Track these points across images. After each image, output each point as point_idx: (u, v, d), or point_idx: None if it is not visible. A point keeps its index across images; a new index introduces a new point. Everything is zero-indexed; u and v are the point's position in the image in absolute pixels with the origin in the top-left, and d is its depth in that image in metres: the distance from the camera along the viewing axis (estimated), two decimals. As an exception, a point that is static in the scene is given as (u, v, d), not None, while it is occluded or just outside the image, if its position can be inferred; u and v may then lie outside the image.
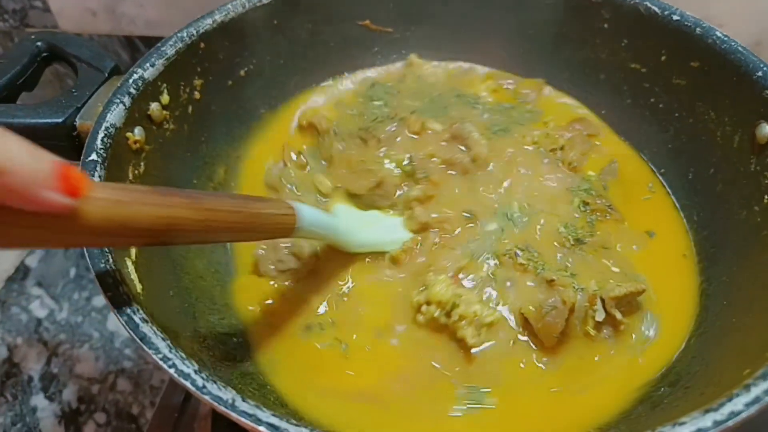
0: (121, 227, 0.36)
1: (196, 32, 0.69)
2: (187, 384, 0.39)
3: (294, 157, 0.77)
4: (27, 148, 0.30)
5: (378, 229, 0.69)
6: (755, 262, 0.60)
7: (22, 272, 0.98)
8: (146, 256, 0.57)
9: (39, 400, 0.83)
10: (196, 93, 0.71)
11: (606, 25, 0.76)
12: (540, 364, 0.59)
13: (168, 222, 0.39)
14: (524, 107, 0.82)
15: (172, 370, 0.40)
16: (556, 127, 0.79)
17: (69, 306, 0.94)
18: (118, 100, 0.59)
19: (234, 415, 0.38)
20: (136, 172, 0.61)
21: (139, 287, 0.51)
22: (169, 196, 0.41)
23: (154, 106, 0.64)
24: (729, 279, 0.62)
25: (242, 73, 0.77)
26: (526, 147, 0.75)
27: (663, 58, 0.73)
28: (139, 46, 1.10)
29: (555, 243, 0.66)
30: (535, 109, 0.82)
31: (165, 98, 0.66)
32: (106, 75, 0.64)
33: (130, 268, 0.52)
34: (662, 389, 0.56)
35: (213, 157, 0.75)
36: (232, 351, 0.59)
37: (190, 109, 0.70)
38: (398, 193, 0.70)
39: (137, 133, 0.61)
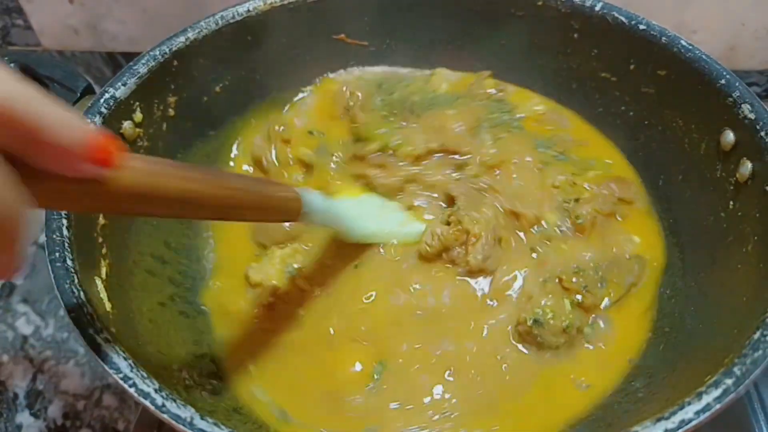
0: (150, 196, 0.39)
1: (169, 50, 0.70)
2: (147, 403, 0.40)
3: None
4: (63, 117, 0.31)
5: (387, 218, 0.69)
6: (722, 268, 0.60)
7: (7, 289, 0.98)
8: (118, 275, 0.58)
9: (24, 418, 0.83)
10: (170, 110, 0.72)
11: (576, 35, 0.77)
12: None
13: (191, 196, 0.42)
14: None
15: (132, 390, 0.40)
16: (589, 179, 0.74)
17: (55, 322, 0.94)
18: (88, 120, 0.60)
19: (191, 434, 0.38)
20: (109, 190, 0.62)
21: (108, 306, 0.52)
22: (194, 172, 0.43)
23: (126, 125, 0.65)
24: (696, 284, 0.63)
25: (217, 89, 0.77)
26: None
27: (632, 66, 0.73)
28: (121, 62, 1.11)
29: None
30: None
31: (138, 116, 0.67)
32: (79, 95, 0.65)
33: (100, 286, 0.53)
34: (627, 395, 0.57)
35: (189, 172, 0.75)
36: (206, 368, 0.60)
37: (164, 126, 0.71)
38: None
39: (109, 152, 0.62)
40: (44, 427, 0.82)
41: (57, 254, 0.49)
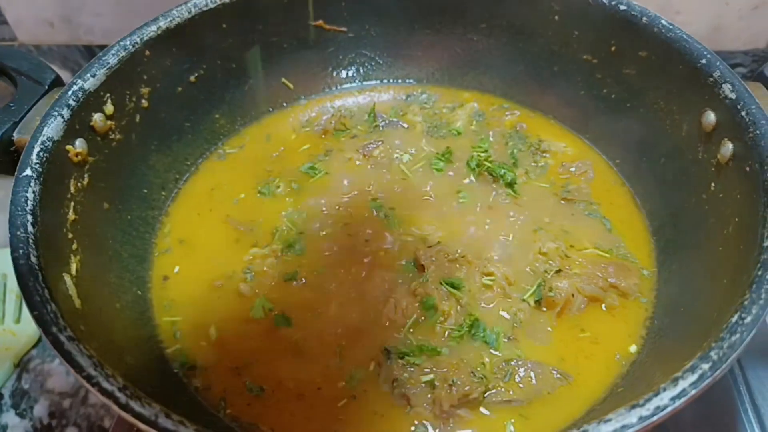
0: None
1: (140, 40, 0.68)
2: (110, 402, 0.39)
3: None
4: None
5: None
6: (703, 251, 0.59)
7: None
8: (90, 270, 0.57)
9: (10, 418, 0.81)
10: (143, 101, 0.70)
11: (557, 17, 0.75)
12: None
13: None
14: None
15: (95, 389, 0.39)
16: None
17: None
18: (56, 113, 0.58)
19: (155, 432, 0.37)
20: (79, 185, 0.60)
21: (77, 303, 0.51)
22: None
23: (97, 117, 0.63)
24: (679, 268, 0.62)
25: (192, 78, 0.76)
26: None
27: (613, 48, 0.72)
28: (99, 55, 1.10)
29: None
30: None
31: (109, 108, 0.65)
32: (47, 87, 0.64)
33: (69, 283, 0.52)
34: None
35: (164, 164, 0.74)
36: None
37: (137, 117, 0.69)
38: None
39: (78, 146, 0.60)
40: (30, 426, 0.81)
41: (21, 251, 0.48)
